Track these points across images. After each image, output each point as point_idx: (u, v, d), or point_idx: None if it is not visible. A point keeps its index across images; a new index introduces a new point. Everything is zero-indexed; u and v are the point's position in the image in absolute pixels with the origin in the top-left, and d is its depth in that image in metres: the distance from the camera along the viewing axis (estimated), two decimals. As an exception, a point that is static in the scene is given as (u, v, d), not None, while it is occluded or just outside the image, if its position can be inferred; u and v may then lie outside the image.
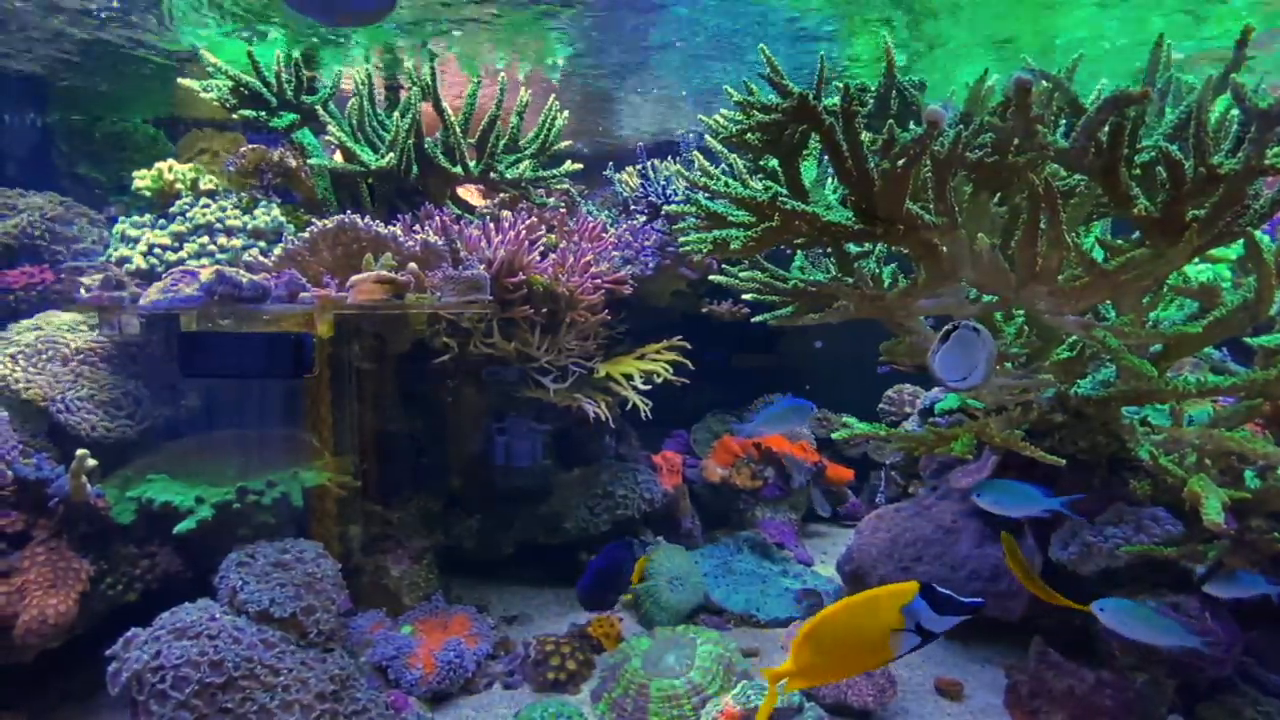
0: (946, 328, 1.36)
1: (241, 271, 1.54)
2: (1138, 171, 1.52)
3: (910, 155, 1.31)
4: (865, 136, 1.41)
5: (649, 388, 2.51)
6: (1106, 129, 1.36)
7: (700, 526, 3.25)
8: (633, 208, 2.96)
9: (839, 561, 2.85)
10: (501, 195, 2.66)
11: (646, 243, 2.71)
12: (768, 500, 3.40)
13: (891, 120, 1.29)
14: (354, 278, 1.60)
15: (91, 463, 1.71)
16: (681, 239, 1.82)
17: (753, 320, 2.16)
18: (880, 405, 3.73)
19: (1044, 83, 1.46)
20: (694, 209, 1.72)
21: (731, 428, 3.42)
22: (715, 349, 2.87)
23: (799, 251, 2.22)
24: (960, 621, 1.22)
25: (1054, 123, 1.49)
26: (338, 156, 2.55)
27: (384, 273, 1.61)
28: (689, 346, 2.69)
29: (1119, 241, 1.75)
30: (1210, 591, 1.69)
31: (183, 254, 2.03)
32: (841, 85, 1.34)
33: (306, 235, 1.92)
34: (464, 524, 2.71)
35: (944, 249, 1.57)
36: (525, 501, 2.80)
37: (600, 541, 2.81)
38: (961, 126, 1.34)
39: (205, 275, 1.55)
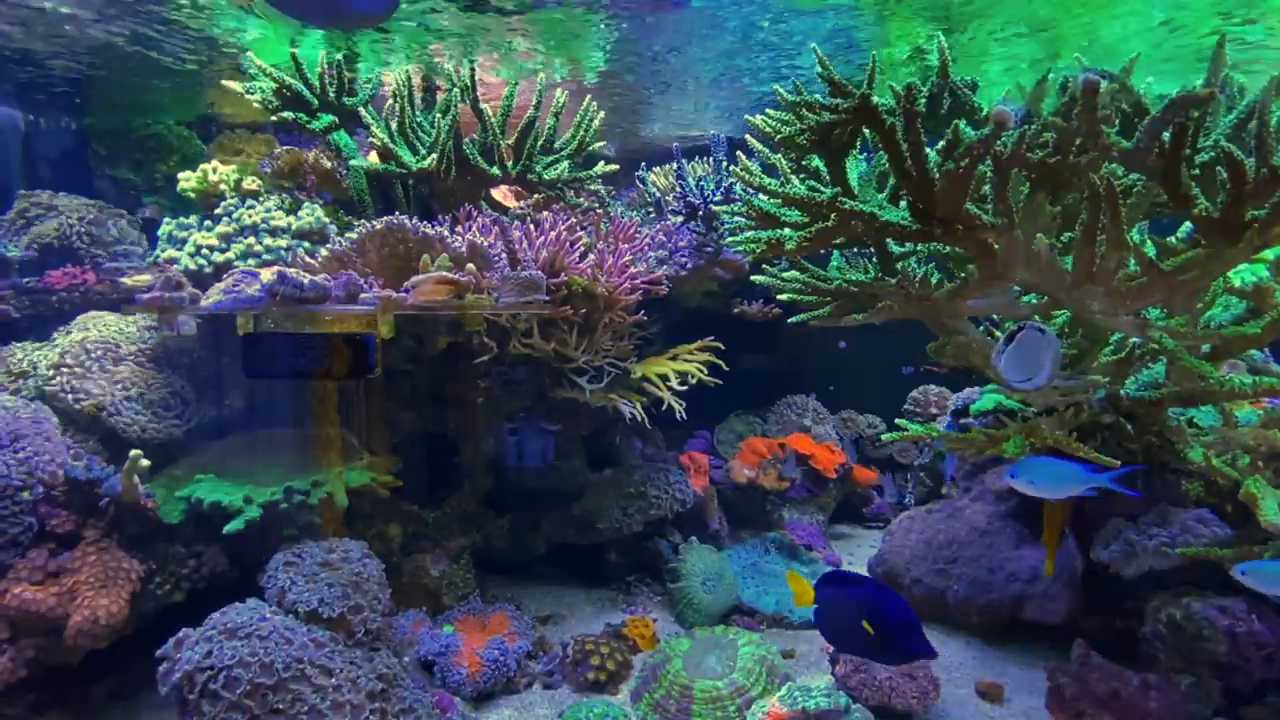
0: (1012, 329, 1.36)
1: (302, 272, 1.54)
2: (1195, 172, 1.52)
3: (974, 155, 1.31)
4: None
5: (684, 388, 2.51)
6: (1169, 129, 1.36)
7: (727, 527, 3.25)
8: (668, 208, 2.96)
9: (870, 563, 2.85)
10: (536, 196, 2.66)
11: (681, 243, 2.71)
12: (795, 501, 3.40)
13: (958, 121, 1.28)
14: (415, 278, 1.60)
15: (145, 463, 1.72)
16: (730, 239, 1.82)
17: (790, 321, 2.16)
18: (905, 406, 3.72)
19: (1105, 82, 1.46)
20: (745, 209, 1.72)
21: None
22: (740, 349, 2.87)
23: (836, 251, 2.22)
24: None
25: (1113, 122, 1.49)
26: (372, 157, 2.56)
27: (445, 273, 1.61)
28: (722, 347, 2.69)
29: (1171, 240, 1.75)
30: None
31: (229, 254, 2.03)
32: (903, 86, 1.34)
33: (354, 236, 1.92)
34: (495, 524, 2.72)
35: (998, 249, 1.57)
36: (557, 502, 2.80)
37: (632, 542, 2.81)
38: (1025, 126, 1.34)
39: (266, 276, 1.55)
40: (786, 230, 1.63)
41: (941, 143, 1.40)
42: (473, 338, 2.26)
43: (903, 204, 1.57)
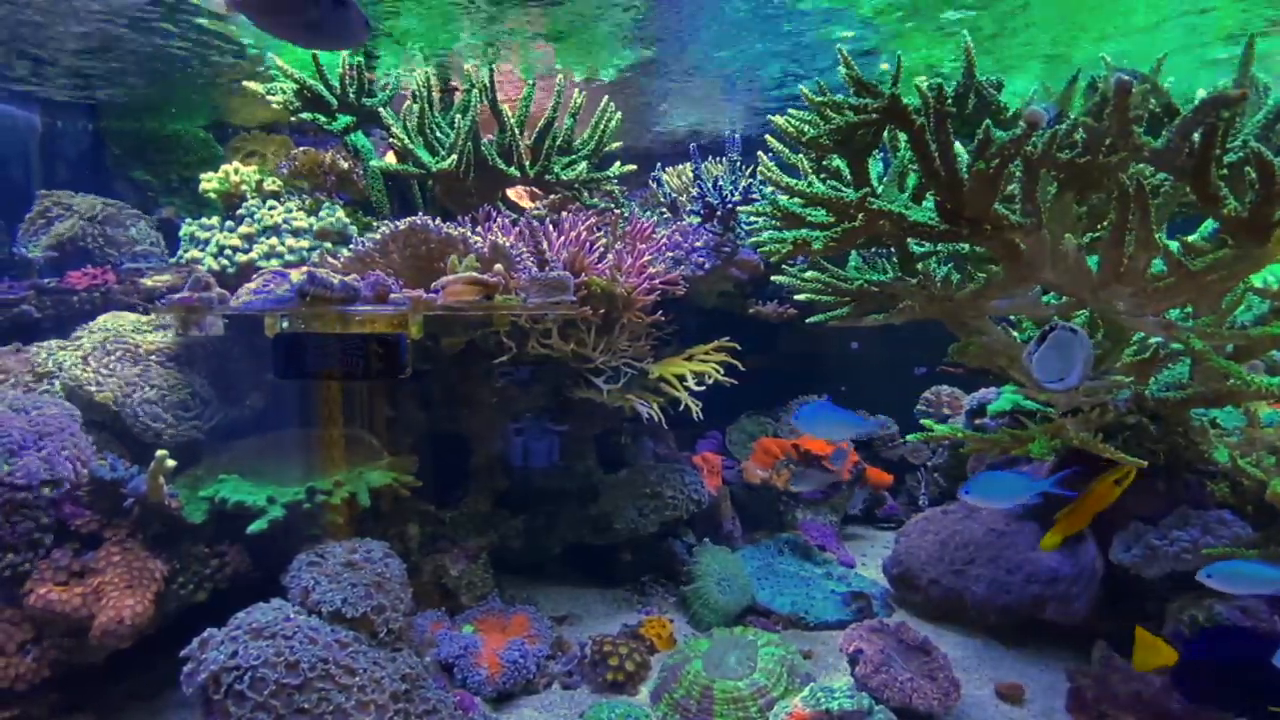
0: (1044, 329, 1.36)
1: (331, 273, 1.55)
2: (1223, 172, 1.52)
3: (1006, 155, 1.31)
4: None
5: (701, 389, 2.51)
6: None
7: (740, 528, 3.25)
8: (684, 208, 2.95)
9: (885, 564, 2.84)
10: (552, 197, 2.66)
11: (698, 243, 2.71)
12: (808, 502, 3.40)
13: (988, 121, 1.29)
14: (443, 279, 1.61)
15: (171, 464, 1.72)
16: (753, 239, 1.82)
17: (808, 321, 2.16)
18: (918, 407, 3.72)
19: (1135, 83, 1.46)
20: (770, 209, 1.72)
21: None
22: (752, 350, 2.87)
23: (853, 251, 2.22)
24: None
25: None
26: (390, 158, 2.56)
27: (474, 274, 1.62)
28: (739, 347, 2.69)
29: (1191, 238, 1.74)
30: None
31: (252, 255, 2.04)
32: (935, 85, 1.34)
33: (377, 236, 1.93)
34: (510, 524, 2.72)
35: (1024, 249, 1.57)
36: (571, 502, 2.80)
37: (647, 542, 2.80)
38: (1056, 126, 1.34)
39: (295, 276, 1.55)
40: (807, 230, 1.63)
41: (959, 143, 1.40)
42: (490, 338, 2.26)
43: (928, 204, 1.57)
